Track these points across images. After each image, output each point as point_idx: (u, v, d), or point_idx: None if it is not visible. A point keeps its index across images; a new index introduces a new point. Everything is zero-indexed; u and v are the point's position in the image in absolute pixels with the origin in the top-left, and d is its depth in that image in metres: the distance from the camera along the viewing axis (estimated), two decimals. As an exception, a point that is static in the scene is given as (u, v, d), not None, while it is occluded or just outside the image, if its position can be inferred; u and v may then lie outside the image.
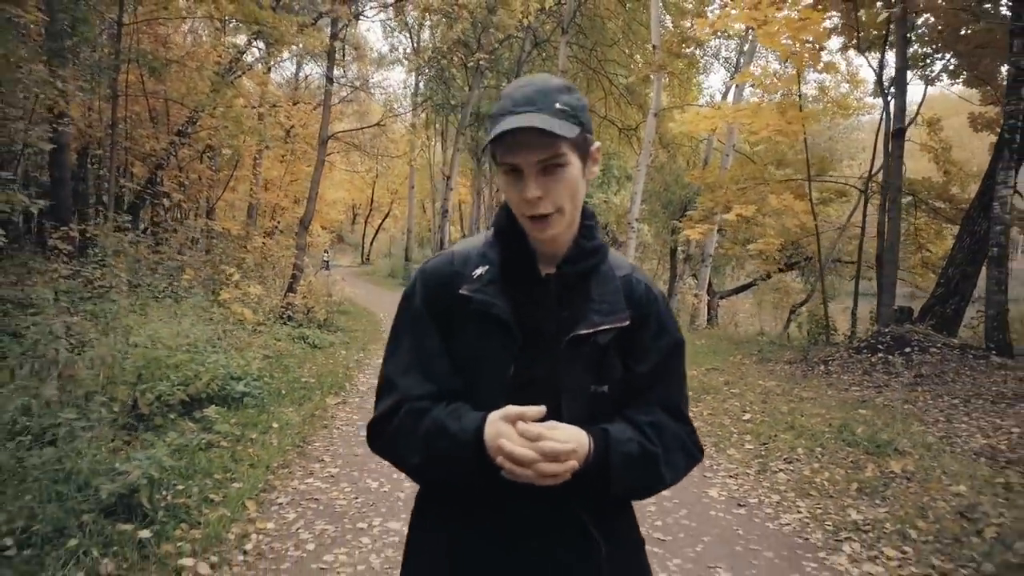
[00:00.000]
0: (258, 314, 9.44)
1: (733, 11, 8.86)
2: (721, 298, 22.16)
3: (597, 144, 1.23)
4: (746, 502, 4.43)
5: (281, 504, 4.25)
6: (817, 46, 8.92)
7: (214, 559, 3.34)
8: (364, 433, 1.27)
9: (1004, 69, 10.17)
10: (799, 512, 4.20)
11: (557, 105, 1.13)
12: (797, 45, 8.73)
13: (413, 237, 33.60)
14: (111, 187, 12.17)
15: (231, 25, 15.79)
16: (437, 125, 31.79)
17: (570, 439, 1.09)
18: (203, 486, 4.09)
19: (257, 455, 4.92)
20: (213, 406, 5.54)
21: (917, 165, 15.11)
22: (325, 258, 27.82)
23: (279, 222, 20.47)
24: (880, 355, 8.48)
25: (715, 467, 5.19)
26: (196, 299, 8.92)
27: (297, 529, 3.89)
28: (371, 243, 48.03)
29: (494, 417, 1.11)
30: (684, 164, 20.25)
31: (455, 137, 25.97)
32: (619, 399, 1.22)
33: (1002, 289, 8.21)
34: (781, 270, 21.00)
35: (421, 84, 28.97)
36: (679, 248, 19.22)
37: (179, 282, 10.32)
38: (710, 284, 22.13)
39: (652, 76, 15.18)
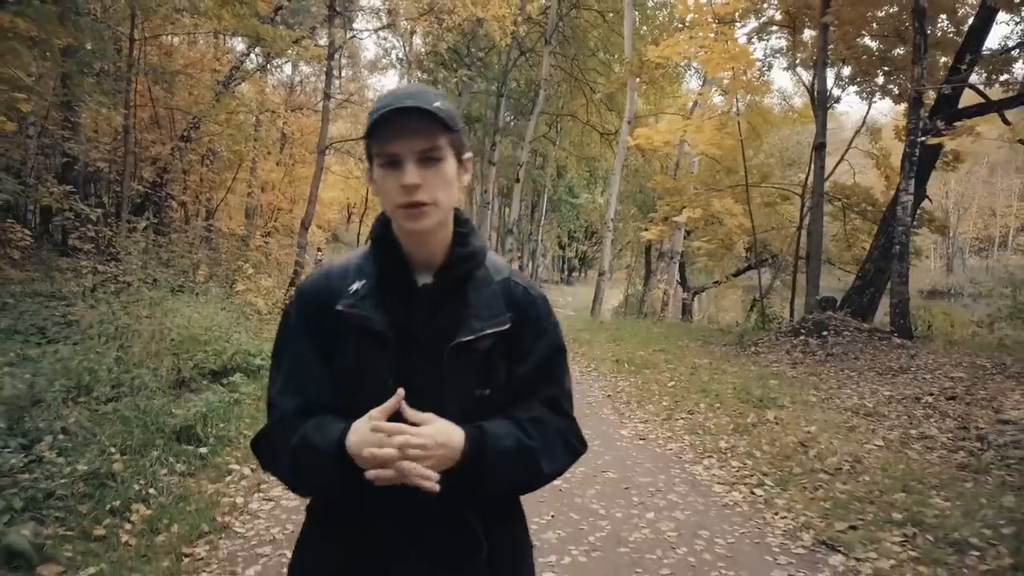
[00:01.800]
0: (268, 304, 10.80)
1: (679, 40, 10.22)
2: (695, 293, 23.55)
3: (469, 155, 1.25)
4: (646, 437, 5.86)
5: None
6: (749, 73, 10.32)
7: (253, 466, 4.71)
8: None
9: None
10: (683, 443, 5.63)
11: (436, 104, 1.15)
12: (732, 72, 10.12)
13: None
14: (124, 190, 13.37)
15: (231, 35, 17.05)
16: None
17: (436, 433, 1.10)
18: (239, 425, 5.47)
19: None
20: (238, 374, 6.92)
21: (870, 171, 16.56)
22: (319, 257, 29.08)
23: (277, 222, 21.67)
24: (801, 338, 9.91)
25: (632, 416, 6.63)
26: (214, 291, 10.24)
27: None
28: (366, 241, 49.11)
29: (358, 424, 1.11)
30: (658, 167, 21.62)
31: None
32: (502, 401, 1.23)
33: (903, 281, 9.62)
34: (750, 267, 22.53)
35: (415, 79, 30.17)
36: (653, 246, 20.61)
37: (193, 277, 11.63)
38: (685, 280, 23.56)
39: (627, 85, 16.58)
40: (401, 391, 1.10)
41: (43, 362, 5.46)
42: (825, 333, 9.78)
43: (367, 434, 1.09)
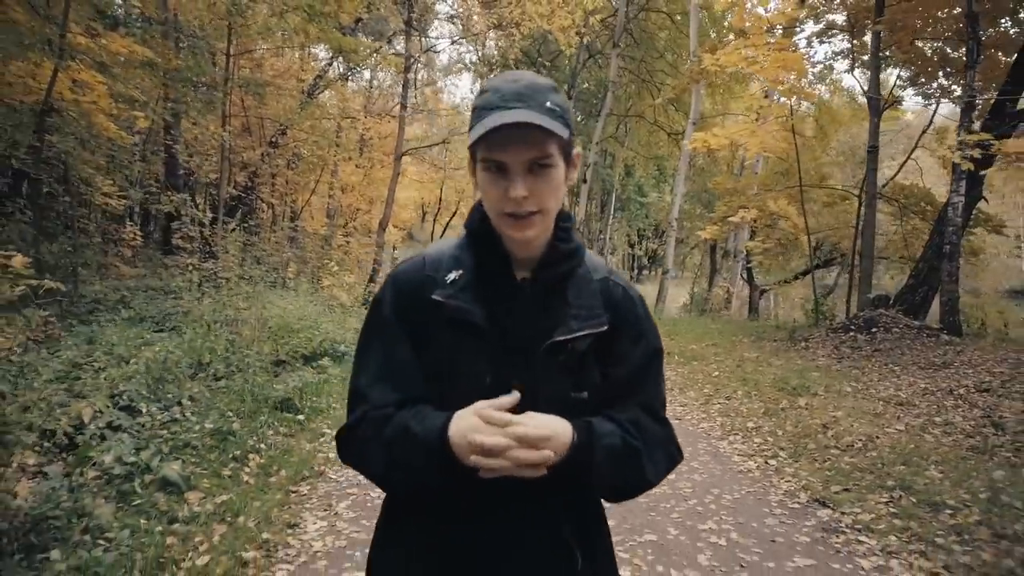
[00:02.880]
0: (350, 298, 11.88)
1: (735, 49, 10.69)
2: (762, 292, 23.66)
3: (578, 150, 1.20)
4: (682, 418, 6.51)
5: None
6: (803, 81, 10.72)
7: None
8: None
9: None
10: (714, 423, 6.27)
11: (548, 104, 1.10)
12: (783, 77, 10.54)
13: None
14: (221, 194, 14.67)
15: (314, 44, 18.33)
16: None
17: (546, 426, 1.06)
18: (328, 400, 6.42)
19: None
20: (326, 358, 7.91)
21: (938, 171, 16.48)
22: (395, 255, 30.44)
23: (356, 222, 22.96)
24: (851, 334, 10.28)
25: (672, 401, 7.26)
26: (304, 286, 11.36)
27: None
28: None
29: (462, 412, 1.07)
30: (725, 167, 21.88)
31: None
32: (598, 406, 1.18)
33: (953, 280, 9.87)
34: (819, 266, 22.51)
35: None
36: (718, 245, 20.92)
37: (284, 274, 12.83)
38: (752, 278, 23.72)
39: (691, 88, 17.02)
40: (517, 394, 1.07)
41: (170, 344, 6.54)
42: (875, 329, 10.12)
43: (475, 422, 1.05)
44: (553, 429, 1.07)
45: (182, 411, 5.21)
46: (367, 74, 25.89)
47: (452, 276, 1.20)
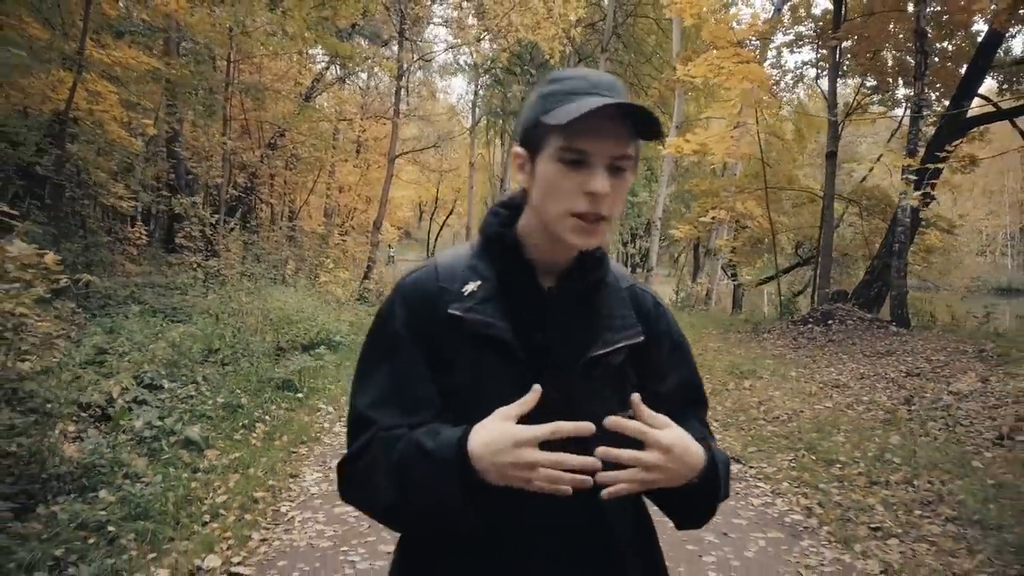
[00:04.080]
0: (345, 293, 12.68)
1: (704, 61, 11.50)
2: (742, 287, 24.53)
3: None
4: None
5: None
6: (765, 90, 11.53)
7: (335, 406, 6.43)
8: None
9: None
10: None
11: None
12: (748, 87, 11.34)
13: (473, 234, 36.83)
14: (222, 195, 15.40)
15: (312, 47, 19.08)
16: (494, 130, 35.04)
17: (677, 442, 0.94)
18: (323, 381, 7.23)
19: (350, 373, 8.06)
20: (323, 347, 8.71)
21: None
22: (391, 253, 31.24)
23: (353, 221, 23.71)
24: (809, 326, 11.10)
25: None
26: (302, 282, 12.17)
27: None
28: (436, 239, 51.09)
29: (485, 423, 0.92)
30: (709, 169, 22.69)
31: (509, 142, 29.13)
32: None
33: (902, 276, 10.69)
34: (799, 264, 23.39)
35: (481, 90, 31.81)
36: (700, 244, 21.75)
37: (283, 271, 13.62)
38: (735, 275, 24.57)
39: (674, 93, 17.88)
40: (537, 387, 0.92)
41: (184, 332, 7.34)
42: (831, 322, 10.94)
43: (507, 427, 0.90)
44: (687, 447, 0.96)
45: (197, 388, 6.02)
46: (364, 76, 26.73)
47: (470, 287, 1.06)
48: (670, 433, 0.94)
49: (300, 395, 6.60)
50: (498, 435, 0.90)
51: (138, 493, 3.90)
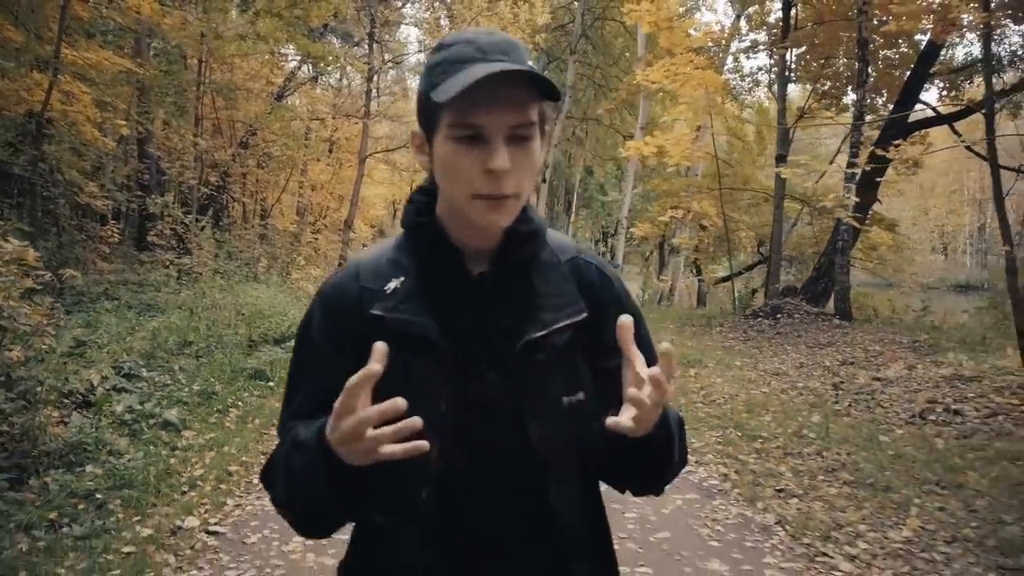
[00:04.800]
0: (316, 289, 13.08)
1: (660, 67, 12.05)
2: (707, 286, 25.24)
3: (549, 125, 0.99)
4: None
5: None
6: (719, 97, 12.13)
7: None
8: None
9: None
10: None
11: (529, 64, 0.91)
12: (701, 93, 11.93)
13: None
14: (194, 194, 15.63)
15: (284, 45, 19.32)
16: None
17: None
18: (294, 372, 7.62)
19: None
20: (293, 340, 9.10)
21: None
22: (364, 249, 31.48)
23: (325, 219, 23.96)
24: (759, 319, 11.72)
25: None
26: (274, 279, 12.52)
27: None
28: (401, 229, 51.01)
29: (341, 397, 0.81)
30: (669, 170, 23.34)
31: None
32: (598, 407, 0.97)
33: (844, 272, 11.35)
34: (760, 262, 24.12)
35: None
36: (665, 242, 22.40)
37: (255, 268, 13.94)
38: (699, 272, 25.26)
39: (639, 95, 18.46)
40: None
41: (160, 325, 7.70)
42: (779, 316, 11.57)
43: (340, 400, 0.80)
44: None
45: (173, 377, 6.40)
46: (336, 74, 26.93)
47: (393, 284, 1.00)
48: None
49: (271, 384, 7.01)
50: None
51: (122, 467, 4.31)
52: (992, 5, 7.95)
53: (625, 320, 0.86)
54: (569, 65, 23.83)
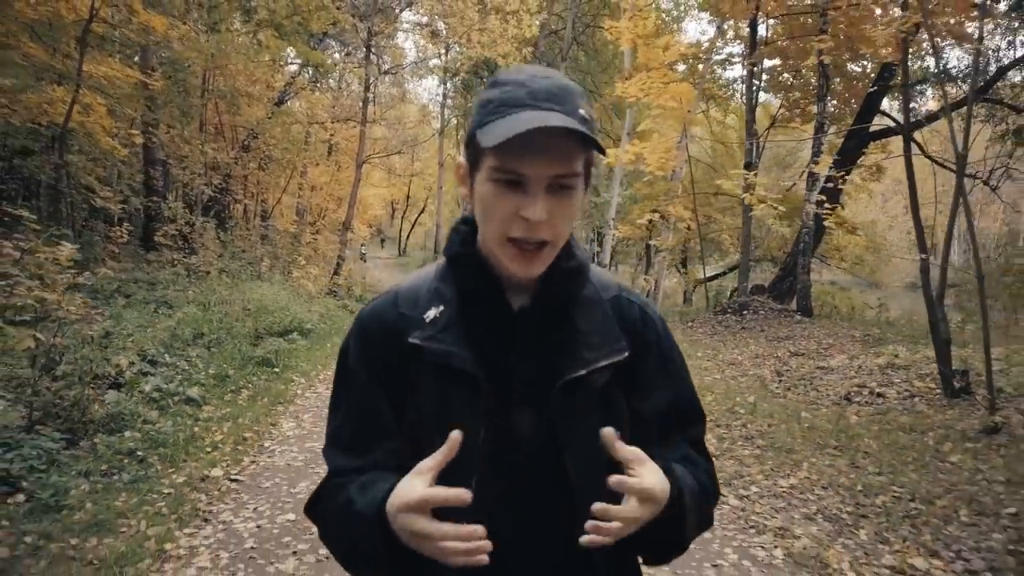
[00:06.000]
0: (316, 288, 13.96)
1: (635, 81, 12.95)
2: (696, 285, 26.14)
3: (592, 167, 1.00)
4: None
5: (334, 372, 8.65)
6: (686, 109, 13.04)
7: (305, 377, 7.74)
8: None
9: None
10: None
11: (580, 112, 0.91)
12: (674, 103, 12.82)
13: (443, 232, 38.08)
14: (199, 196, 16.37)
15: (285, 51, 20.12)
16: (463, 130, 36.33)
17: (655, 485, 0.88)
18: (297, 360, 8.52)
19: (323, 357, 9.36)
20: (296, 333, 10.00)
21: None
22: (362, 251, 32.33)
23: (324, 220, 24.74)
24: (728, 315, 12.61)
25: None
26: (277, 277, 13.41)
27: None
28: (407, 237, 51.52)
29: (406, 476, 0.87)
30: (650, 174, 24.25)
31: (476, 144, 30.33)
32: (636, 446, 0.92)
33: (806, 271, 12.25)
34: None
35: (451, 92, 32.79)
36: (651, 242, 23.31)
37: (258, 267, 14.81)
38: (686, 272, 26.14)
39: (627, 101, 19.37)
40: (456, 434, 0.85)
41: (177, 319, 8.59)
42: (746, 312, 12.47)
43: (409, 491, 0.84)
44: (659, 483, 0.88)
45: (191, 363, 7.29)
46: (335, 76, 27.71)
47: (432, 313, 1.00)
48: (652, 477, 0.88)
49: (277, 370, 7.90)
50: (396, 498, 0.85)
51: (155, 432, 5.20)
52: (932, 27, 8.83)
53: (607, 432, 0.87)
54: (561, 70, 24.53)
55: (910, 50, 12.99)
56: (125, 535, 3.59)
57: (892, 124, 13.73)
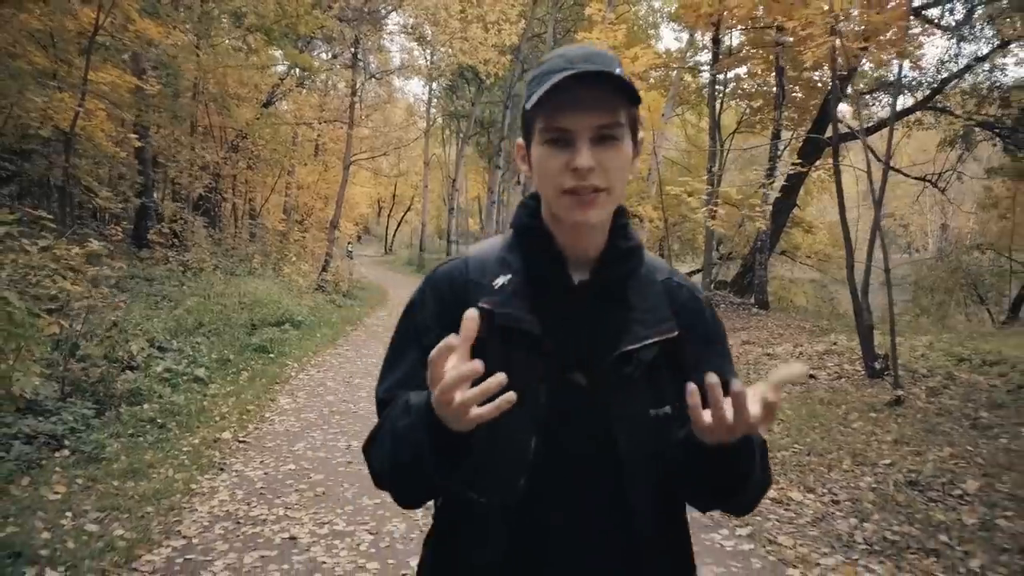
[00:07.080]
0: (305, 283, 14.75)
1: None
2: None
3: (642, 135, 1.07)
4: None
5: (324, 358, 9.46)
6: (662, 114, 13.92)
7: (298, 363, 8.55)
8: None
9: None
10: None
11: (617, 71, 0.97)
12: (643, 111, 13.63)
13: (428, 231, 38.71)
14: (190, 195, 17.02)
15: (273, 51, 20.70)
16: (449, 130, 37.01)
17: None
18: (290, 347, 9.34)
19: (314, 345, 10.17)
20: (288, 324, 10.80)
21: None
22: (349, 249, 32.95)
23: (311, 218, 25.31)
24: (691, 309, 13.54)
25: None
26: (268, 272, 14.18)
27: (331, 364, 9.10)
28: (393, 235, 51.62)
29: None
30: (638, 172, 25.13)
31: (460, 144, 31.12)
32: (682, 422, 0.97)
33: (763, 267, 13.18)
34: (719, 260, 26.01)
35: (435, 87, 33.20)
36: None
37: (250, 264, 15.54)
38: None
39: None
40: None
41: (180, 310, 9.36)
42: (708, 305, 13.38)
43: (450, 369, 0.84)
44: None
45: (195, 348, 8.09)
46: (323, 77, 28.28)
47: (501, 281, 1.06)
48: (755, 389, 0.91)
49: (272, 355, 8.71)
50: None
51: (169, 405, 6.01)
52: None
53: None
54: (544, 74, 25.41)
55: (862, 61, 13.96)
56: (157, 479, 4.41)
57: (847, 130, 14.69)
